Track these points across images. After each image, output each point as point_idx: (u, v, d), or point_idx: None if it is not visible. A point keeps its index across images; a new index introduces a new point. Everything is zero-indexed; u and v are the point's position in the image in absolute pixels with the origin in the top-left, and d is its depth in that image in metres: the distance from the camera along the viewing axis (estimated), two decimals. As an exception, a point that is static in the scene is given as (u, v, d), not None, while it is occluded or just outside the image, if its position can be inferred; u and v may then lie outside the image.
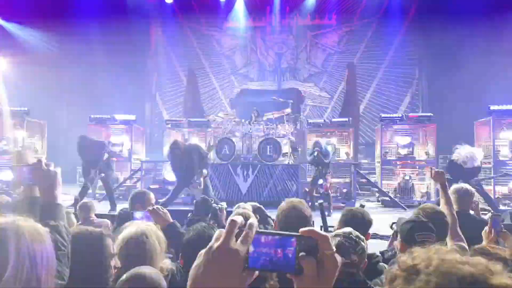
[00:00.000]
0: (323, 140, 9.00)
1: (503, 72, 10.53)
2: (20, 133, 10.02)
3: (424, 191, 9.38)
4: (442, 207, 2.75)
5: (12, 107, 10.04)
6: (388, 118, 10.07)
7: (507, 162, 8.68)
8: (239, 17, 14.80)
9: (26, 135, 10.15)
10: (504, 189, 8.63)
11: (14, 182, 6.87)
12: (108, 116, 10.48)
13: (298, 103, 13.60)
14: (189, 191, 7.71)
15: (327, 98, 14.71)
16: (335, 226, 2.78)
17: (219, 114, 9.57)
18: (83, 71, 12.49)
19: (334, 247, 0.74)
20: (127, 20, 12.93)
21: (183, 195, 8.00)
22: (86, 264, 1.71)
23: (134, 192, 3.66)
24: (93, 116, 10.44)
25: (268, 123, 9.39)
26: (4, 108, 9.92)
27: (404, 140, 9.81)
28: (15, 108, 10.04)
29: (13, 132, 9.81)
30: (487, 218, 2.62)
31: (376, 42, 14.15)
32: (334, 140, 10.55)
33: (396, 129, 9.99)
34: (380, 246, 3.16)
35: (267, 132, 9.05)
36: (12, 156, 8.68)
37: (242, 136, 9.13)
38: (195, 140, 10.27)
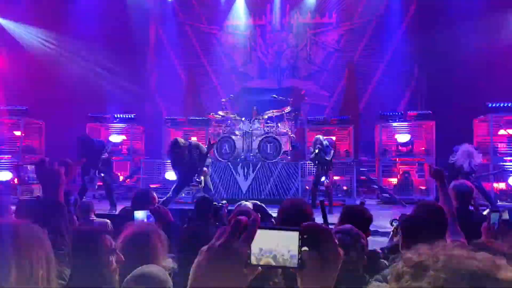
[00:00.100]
0: (323, 138, 8.98)
1: (502, 70, 10.53)
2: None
3: (423, 187, 9.41)
4: (441, 204, 2.76)
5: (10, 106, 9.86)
6: (387, 116, 10.06)
7: (505, 159, 8.75)
8: (239, 15, 14.77)
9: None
10: (502, 185, 8.68)
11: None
12: (108, 115, 10.47)
13: (298, 101, 13.58)
14: (189, 190, 7.72)
15: (326, 96, 14.69)
16: (336, 223, 2.79)
17: (219, 113, 9.54)
18: (82, 69, 12.47)
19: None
20: (127, 18, 12.90)
21: (184, 194, 8.00)
22: (87, 263, 1.72)
23: (138, 191, 3.67)
24: (92, 114, 10.40)
25: (268, 121, 9.39)
26: None
27: (403, 137, 9.82)
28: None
29: None
30: (486, 214, 2.63)
31: (376, 40, 14.12)
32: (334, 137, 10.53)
33: (396, 126, 9.99)
34: (381, 242, 3.17)
35: (267, 130, 9.04)
36: None
37: (242, 134, 9.12)
38: (195, 138, 10.27)
